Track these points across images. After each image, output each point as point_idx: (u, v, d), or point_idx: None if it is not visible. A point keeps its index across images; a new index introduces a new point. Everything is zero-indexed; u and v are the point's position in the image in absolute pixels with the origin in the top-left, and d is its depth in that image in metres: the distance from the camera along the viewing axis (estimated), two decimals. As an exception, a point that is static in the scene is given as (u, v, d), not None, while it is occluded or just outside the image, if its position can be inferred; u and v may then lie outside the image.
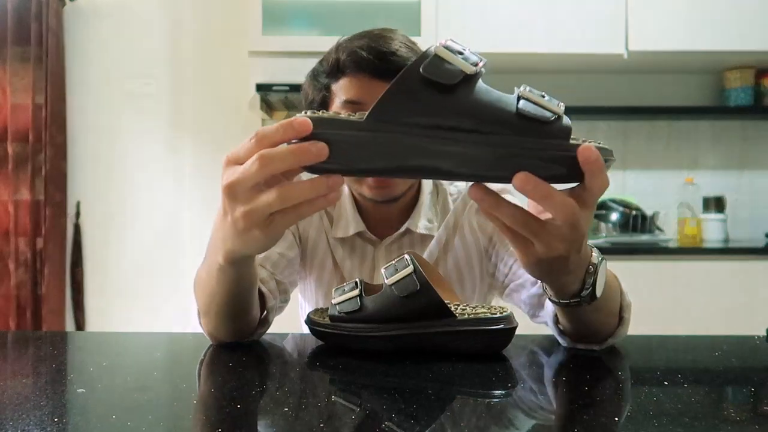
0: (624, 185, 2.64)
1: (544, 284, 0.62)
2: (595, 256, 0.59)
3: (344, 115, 0.49)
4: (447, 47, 0.49)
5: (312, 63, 0.98)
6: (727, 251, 2.19)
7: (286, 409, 0.47)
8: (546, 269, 0.55)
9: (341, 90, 0.91)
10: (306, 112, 0.49)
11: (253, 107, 2.42)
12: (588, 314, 0.62)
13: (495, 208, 0.51)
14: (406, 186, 0.97)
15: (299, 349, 0.71)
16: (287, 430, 0.43)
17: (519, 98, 0.49)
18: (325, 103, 0.94)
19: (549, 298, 0.62)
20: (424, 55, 0.49)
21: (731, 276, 2.15)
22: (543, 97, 0.49)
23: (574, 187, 0.51)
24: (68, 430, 0.42)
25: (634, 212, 2.37)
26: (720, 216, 2.44)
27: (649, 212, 2.41)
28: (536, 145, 0.48)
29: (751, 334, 0.74)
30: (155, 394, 0.52)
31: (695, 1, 2.31)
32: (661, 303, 2.13)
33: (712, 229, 2.43)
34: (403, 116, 0.48)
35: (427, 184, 1.03)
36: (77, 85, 2.59)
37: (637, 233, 2.37)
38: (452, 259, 1.00)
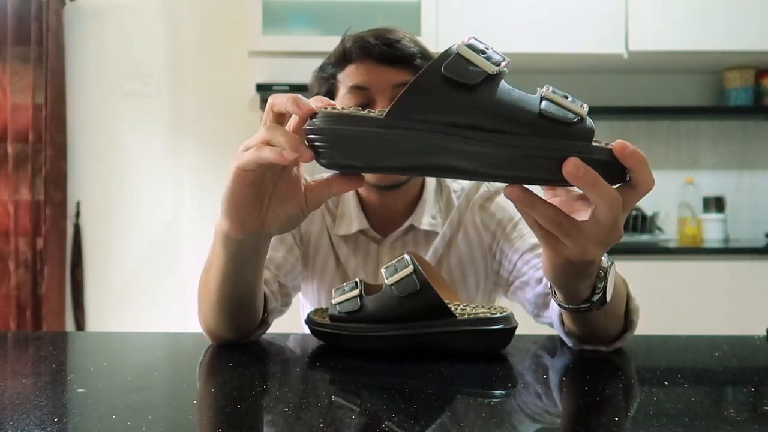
0: (624, 185, 2.64)
1: (553, 288, 0.61)
2: (605, 260, 0.58)
3: (365, 111, 0.49)
4: (470, 46, 0.48)
5: (312, 63, 0.98)
6: (727, 251, 2.19)
7: (287, 409, 0.47)
8: (570, 273, 0.54)
9: (347, 77, 0.91)
10: (326, 108, 0.49)
11: (253, 107, 2.42)
12: (593, 318, 0.62)
13: (530, 206, 0.50)
14: None
15: (299, 349, 0.71)
16: (287, 430, 0.43)
17: (542, 99, 0.48)
18: (330, 93, 0.94)
19: (558, 304, 0.62)
20: (446, 53, 0.48)
21: (731, 276, 2.15)
22: (566, 98, 0.48)
23: (617, 188, 0.49)
24: (68, 430, 0.42)
25: (634, 212, 2.38)
26: (720, 216, 2.44)
27: (649, 212, 2.41)
28: (558, 146, 0.47)
29: (751, 334, 0.74)
30: (155, 394, 0.52)
31: (695, 1, 2.31)
32: (661, 303, 2.13)
33: (712, 229, 2.43)
34: (423, 114, 0.47)
35: (431, 181, 1.02)
36: (77, 85, 2.59)
37: (637, 233, 2.37)
38: (455, 257, 0.99)
